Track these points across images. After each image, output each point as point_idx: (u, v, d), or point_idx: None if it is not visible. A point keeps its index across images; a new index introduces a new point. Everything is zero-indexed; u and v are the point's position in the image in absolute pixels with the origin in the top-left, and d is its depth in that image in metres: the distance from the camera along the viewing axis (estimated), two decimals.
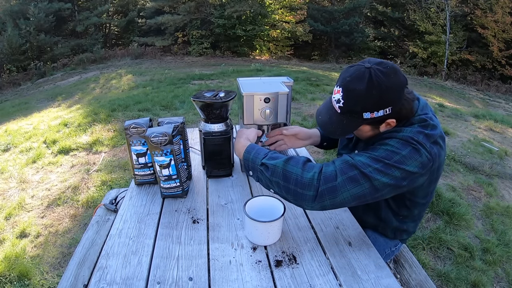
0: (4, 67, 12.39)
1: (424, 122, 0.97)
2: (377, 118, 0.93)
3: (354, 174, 0.89)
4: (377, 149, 0.94)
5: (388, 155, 0.90)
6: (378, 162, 0.90)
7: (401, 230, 1.21)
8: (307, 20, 14.25)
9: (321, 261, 0.90)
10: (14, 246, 2.18)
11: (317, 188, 0.88)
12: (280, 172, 0.91)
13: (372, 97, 0.89)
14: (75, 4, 13.77)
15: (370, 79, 0.88)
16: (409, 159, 0.89)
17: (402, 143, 0.92)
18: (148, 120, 1.21)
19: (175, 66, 10.78)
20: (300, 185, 0.89)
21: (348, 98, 0.92)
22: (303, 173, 0.90)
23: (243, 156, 1.03)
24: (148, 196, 1.20)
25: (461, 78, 12.00)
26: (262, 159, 0.96)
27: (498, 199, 2.79)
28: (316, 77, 7.86)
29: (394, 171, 0.89)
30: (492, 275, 2.00)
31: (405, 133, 0.94)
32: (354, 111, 0.93)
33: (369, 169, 0.89)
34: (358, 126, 0.97)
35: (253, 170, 0.99)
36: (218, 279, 0.85)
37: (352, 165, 0.90)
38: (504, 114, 6.30)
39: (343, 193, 0.88)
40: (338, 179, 0.88)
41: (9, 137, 4.05)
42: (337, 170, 0.90)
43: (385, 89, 0.89)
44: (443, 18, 12.06)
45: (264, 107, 1.21)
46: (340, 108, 0.95)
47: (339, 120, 0.97)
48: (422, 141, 0.91)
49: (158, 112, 4.80)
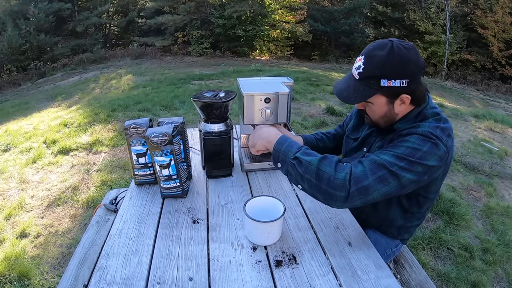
0: (4, 67, 12.39)
1: (437, 116, 1.03)
2: (393, 89, 0.96)
3: (383, 174, 0.91)
4: (398, 146, 0.96)
5: (411, 152, 0.93)
6: (403, 160, 0.92)
7: (406, 228, 1.22)
8: (307, 20, 14.24)
9: (321, 261, 0.90)
10: (14, 246, 2.18)
11: (348, 190, 0.89)
12: (314, 170, 0.91)
13: (392, 64, 0.93)
14: (75, 4, 13.77)
15: (392, 48, 0.94)
16: (430, 154, 0.93)
17: (422, 139, 0.95)
18: (148, 120, 1.21)
19: (175, 66, 10.78)
20: (332, 185, 0.90)
21: (369, 63, 0.96)
22: (335, 173, 0.90)
23: (274, 146, 1.02)
24: (148, 196, 1.20)
25: (461, 78, 12.00)
26: (296, 152, 0.97)
27: (498, 199, 2.79)
28: (316, 77, 7.86)
29: (417, 167, 0.92)
30: (492, 275, 2.00)
31: (424, 128, 0.97)
32: (373, 76, 0.96)
33: (395, 167, 0.91)
34: (374, 94, 0.98)
35: (283, 162, 0.99)
36: (218, 279, 0.85)
37: (380, 165, 0.92)
38: (504, 114, 6.30)
39: (374, 192, 0.90)
40: (369, 179, 0.90)
41: (9, 137, 4.04)
42: (367, 170, 0.91)
43: (404, 60, 0.93)
44: (443, 18, 12.06)
45: (264, 107, 1.21)
46: (359, 74, 0.98)
47: (356, 86, 0.99)
48: (440, 135, 0.96)
49: (158, 112, 4.80)
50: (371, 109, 1.06)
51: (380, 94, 0.99)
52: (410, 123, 1.04)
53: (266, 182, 1.28)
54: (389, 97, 0.99)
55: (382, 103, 1.01)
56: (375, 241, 1.20)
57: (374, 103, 1.02)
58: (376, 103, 1.02)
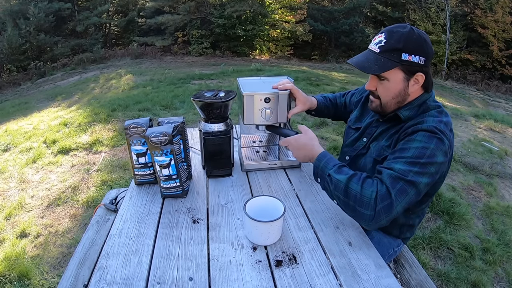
0: (4, 67, 12.38)
1: (439, 109, 1.05)
2: (412, 64, 0.98)
3: (401, 186, 0.93)
4: (407, 149, 0.97)
5: (420, 153, 0.95)
6: (415, 164, 0.94)
7: (407, 226, 1.23)
8: (307, 20, 14.24)
9: (321, 261, 0.90)
10: (14, 246, 2.18)
11: (375, 208, 0.91)
12: (342, 188, 0.95)
13: (413, 39, 0.98)
14: (75, 4, 13.76)
15: (411, 27, 1.00)
16: (437, 150, 0.95)
17: (428, 136, 0.96)
18: (148, 120, 1.21)
19: (175, 66, 10.78)
20: (359, 203, 0.93)
21: (391, 37, 0.99)
22: (362, 191, 0.93)
23: (315, 163, 1.07)
24: (148, 196, 1.20)
25: (461, 78, 11.99)
26: (330, 170, 1.00)
27: (498, 199, 2.79)
28: (316, 77, 7.86)
29: (430, 168, 0.95)
30: (492, 275, 2.00)
31: (428, 124, 0.99)
32: (395, 49, 0.98)
33: (410, 174, 0.93)
34: (394, 66, 0.99)
35: (321, 178, 1.04)
36: (218, 279, 0.85)
37: (396, 177, 0.93)
38: (504, 114, 6.29)
39: (397, 206, 0.92)
40: (392, 195, 0.92)
41: (9, 137, 4.04)
42: (388, 187, 0.93)
43: (423, 39, 0.99)
44: (443, 18, 12.05)
45: (264, 107, 1.21)
46: (380, 47, 1.00)
47: (377, 58, 1.01)
48: (444, 129, 0.98)
49: (158, 112, 4.80)
50: (385, 88, 1.06)
51: (399, 69, 1.00)
52: (414, 111, 1.06)
53: (266, 182, 1.28)
54: (406, 73, 1.01)
55: (399, 79, 1.02)
56: (378, 241, 1.21)
57: (390, 79, 1.03)
58: (393, 79, 1.02)
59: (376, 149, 1.13)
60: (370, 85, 1.10)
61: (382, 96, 1.08)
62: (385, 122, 1.15)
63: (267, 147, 1.49)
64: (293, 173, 1.34)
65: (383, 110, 1.11)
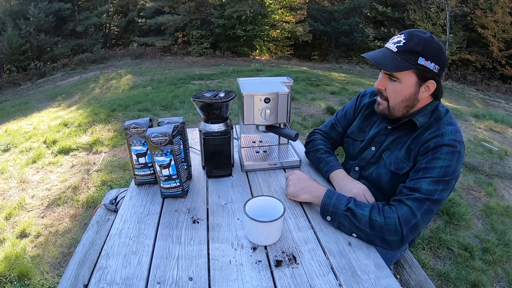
0: (4, 67, 12.40)
1: (448, 113, 1.08)
2: (427, 70, 0.99)
3: (427, 206, 0.96)
4: (432, 169, 0.98)
5: (445, 171, 0.98)
6: (440, 183, 0.97)
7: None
8: (307, 20, 14.25)
9: (321, 261, 0.90)
10: (14, 246, 2.18)
11: (401, 233, 0.94)
12: (367, 221, 0.96)
13: (432, 46, 0.98)
14: (75, 4, 13.77)
15: (432, 35, 1.01)
16: (458, 164, 0.99)
17: (451, 152, 0.99)
18: (148, 120, 1.21)
19: (175, 66, 10.78)
20: (386, 232, 0.94)
21: (411, 39, 0.99)
22: (385, 221, 0.95)
23: (323, 201, 1.04)
24: (148, 196, 1.20)
25: (461, 78, 12.00)
26: (347, 204, 1.00)
27: (498, 199, 2.79)
28: (316, 77, 7.86)
29: (452, 182, 0.99)
30: (492, 275, 2.00)
31: (449, 137, 1.00)
32: (413, 51, 0.98)
33: (436, 193, 0.97)
34: (409, 68, 0.99)
35: (333, 215, 1.02)
36: (218, 279, 0.85)
37: (423, 199, 0.96)
38: (504, 114, 6.30)
39: (422, 225, 0.96)
40: (417, 217, 0.95)
41: (9, 137, 4.05)
42: (413, 209, 0.95)
43: (441, 48, 1.00)
44: (443, 18, 12.06)
45: (264, 107, 1.21)
46: (398, 47, 1.00)
47: (394, 57, 1.01)
48: (460, 139, 1.01)
49: (158, 112, 4.80)
50: (395, 89, 1.04)
51: (413, 72, 1.00)
52: (427, 117, 1.06)
53: (266, 182, 1.28)
54: (419, 78, 1.01)
55: (411, 82, 1.02)
56: None
57: (402, 80, 1.02)
58: (405, 81, 1.02)
59: (393, 160, 1.11)
60: (380, 84, 1.08)
61: (390, 98, 1.07)
62: (396, 129, 1.13)
63: (267, 147, 1.49)
64: None
65: (390, 113, 1.10)
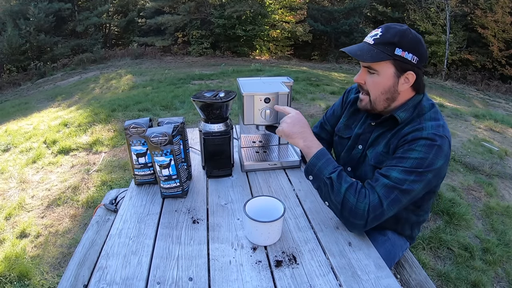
0: (4, 67, 12.39)
1: (434, 108, 1.06)
2: (404, 61, 0.99)
3: (395, 196, 0.95)
4: (406, 159, 0.97)
5: (419, 163, 0.96)
6: (412, 173, 0.95)
7: (417, 224, 1.24)
8: (307, 20, 14.24)
9: (321, 261, 0.90)
10: (14, 246, 2.18)
11: (367, 218, 0.95)
12: (341, 198, 0.97)
13: (408, 37, 0.99)
14: (75, 4, 13.76)
15: (409, 28, 1.01)
16: (436, 157, 0.96)
17: (428, 145, 0.96)
18: (148, 120, 1.21)
19: (175, 66, 10.78)
20: (354, 214, 0.96)
21: (387, 31, 1.00)
22: (357, 203, 0.95)
23: (311, 160, 1.04)
24: (148, 196, 1.20)
25: (461, 78, 11.99)
26: (331, 173, 0.99)
27: (498, 199, 2.79)
28: (316, 77, 7.86)
29: (427, 175, 0.96)
30: (492, 275, 2.00)
31: (428, 131, 0.99)
32: (389, 42, 0.99)
33: (406, 183, 0.95)
34: (386, 59, 0.99)
35: (316, 177, 1.03)
36: (218, 279, 0.85)
37: (391, 187, 0.95)
38: (504, 114, 6.29)
39: (388, 213, 0.96)
40: (384, 205, 0.95)
41: (9, 137, 4.05)
42: (380, 197, 0.95)
43: (418, 39, 1.00)
44: (443, 18, 12.06)
45: (264, 107, 1.21)
46: (375, 39, 1.01)
47: (370, 49, 1.01)
48: (443, 133, 0.98)
49: (158, 112, 4.80)
50: (374, 81, 1.05)
51: (391, 63, 1.00)
52: (410, 113, 1.05)
53: (266, 182, 1.28)
54: (397, 69, 1.01)
55: (389, 74, 1.01)
56: (393, 243, 1.22)
57: (380, 72, 1.02)
58: (383, 72, 1.02)
59: (374, 155, 1.11)
60: (360, 78, 1.08)
61: (371, 91, 1.07)
62: (379, 126, 1.12)
63: (267, 147, 1.49)
64: (293, 173, 1.34)
65: (372, 108, 1.10)
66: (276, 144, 1.51)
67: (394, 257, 1.24)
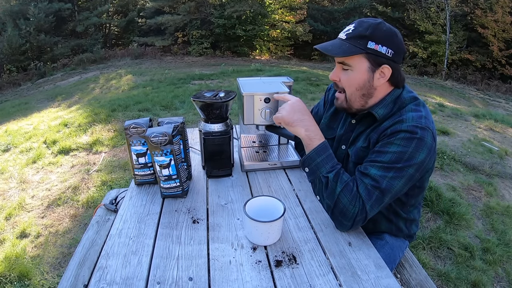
0: (4, 67, 12.38)
1: (416, 101, 1.03)
2: (378, 54, 0.96)
3: (376, 196, 0.95)
4: (384, 153, 0.95)
5: (397, 157, 0.93)
6: (390, 169, 0.94)
7: (410, 221, 1.23)
8: (307, 20, 14.24)
9: (321, 261, 0.90)
10: (14, 246, 2.18)
11: (354, 219, 0.95)
12: (335, 198, 0.97)
13: (381, 30, 0.97)
14: (75, 4, 13.76)
15: (383, 21, 0.99)
16: (417, 151, 0.93)
17: (407, 138, 0.94)
18: (148, 120, 1.21)
19: (175, 66, 10.78)
20: (344, 215, 0.96)
21: (360, 25, 0.98)
22: (349, 206, 0.95)
23: (309, 154, 1.02)
24: (148, 196, 1.20)
25: (461, 77, 11.99)
26: (328, 172, 0.98)
27: (498, 199, 2.79)
28: (316, 77, 7.86)
29: (407, 171, 0.94)
30: (492, 274, 2.00)
31: (408, 123, 0.95)
32: (361, 35, 0.97)
33: (385, 181, 0.94)
34: (358, 52, 0.97)
35: (312, 172, 1.02)
36: (218, 279, 0.85)
37: (372, 187, 0.94)
38: (504, 114, 6.29)
39: (371, 213, 0.97)
40: (367, 207, 0.95)
41: (9, 137, 4.05)
42: (363, 199, 0.95)
43: (394, 32, 0.98)
44: (443, 18, 12.05)
45: (264, 107, 1.21)
46: (347, 34, 0.99)
47: (342, 43, 1.00)
48: (425, 125, 0.95)
49: (158, 112, 4.80)
50: (348, 77, 1.02)
51: (364, 57, 0.98)
52: (389, 108, 1.02)
53: (266, 182, 1.28)
54: (371, 64, 0.98)
55: (363, 68, 0.99)
56: (392, 245, 1.21)
57: (354, 67, 1.00)
58: (357, 67, 0.99)
59: (354, 152, 1.10)
60: (334, 75, 1.06)
61: (346, 87, 1.05)
62: (359, 124, 1.10)
63: (267, 147, 1.49)
64: (293, 173, 1.34)
65: (348, 106, 1.08)
66: (276, 144, 1.51)
67: (395, 260, 1.24)
